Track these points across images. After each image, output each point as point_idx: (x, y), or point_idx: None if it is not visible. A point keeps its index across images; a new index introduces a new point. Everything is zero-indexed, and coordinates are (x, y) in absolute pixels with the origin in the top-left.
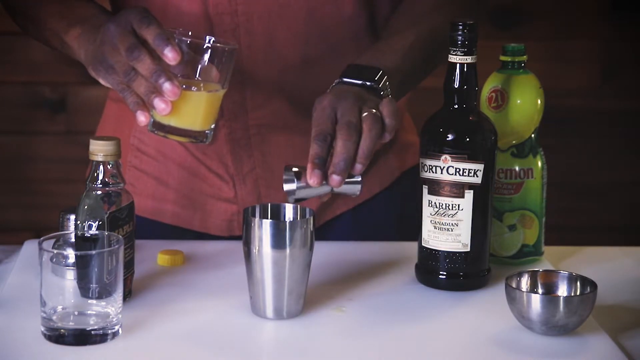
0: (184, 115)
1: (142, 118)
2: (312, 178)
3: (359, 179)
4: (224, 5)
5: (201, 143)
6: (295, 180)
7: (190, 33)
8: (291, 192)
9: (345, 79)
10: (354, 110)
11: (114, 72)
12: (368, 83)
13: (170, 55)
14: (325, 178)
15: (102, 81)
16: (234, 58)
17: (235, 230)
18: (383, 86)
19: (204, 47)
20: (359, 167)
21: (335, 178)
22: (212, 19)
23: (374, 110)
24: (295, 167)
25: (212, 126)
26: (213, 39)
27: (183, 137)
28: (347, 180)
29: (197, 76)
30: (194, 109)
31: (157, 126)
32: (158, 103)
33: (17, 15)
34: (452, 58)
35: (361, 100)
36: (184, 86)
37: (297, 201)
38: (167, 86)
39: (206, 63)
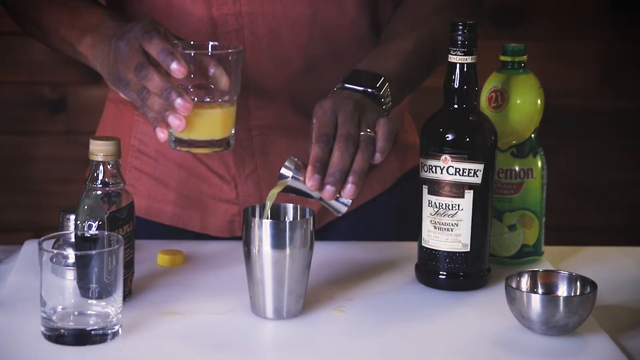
0: (202, 127)
1: (160, 135)
2: (310, 180)
3: (349, 202)
4: (228, 6)
5: (226, 150)
6: (294, 170)
7: (192, 42)
8: (283, 177)
9: (346, 85)
10: (354, 121)
11: (131, 90)
12: (369, 90)
13: (176, 69)
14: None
15: (122, 96)
16: (241, 60)
17: (237, 231)
18: (384, 93)
19: (209, 54)
20: (352, 189)
21: (329, 189)
22: (216, 19)
23: (369, 131)
24: (299, 160)
25: (233, 131)
26: (216, 44)
27: (206, 149)
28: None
29: (208, 84)
30: (210, 120)
31: (178, 142)
32: (173, 120)
33: (25, 23)
34: (452, 58)
35: (361, 109)
36: (196, 99)
37: (285, 189)
38: (178, 102)
39: (214, 70)
